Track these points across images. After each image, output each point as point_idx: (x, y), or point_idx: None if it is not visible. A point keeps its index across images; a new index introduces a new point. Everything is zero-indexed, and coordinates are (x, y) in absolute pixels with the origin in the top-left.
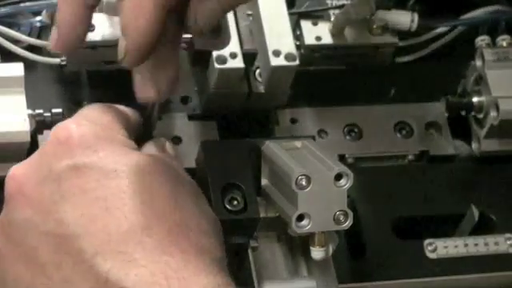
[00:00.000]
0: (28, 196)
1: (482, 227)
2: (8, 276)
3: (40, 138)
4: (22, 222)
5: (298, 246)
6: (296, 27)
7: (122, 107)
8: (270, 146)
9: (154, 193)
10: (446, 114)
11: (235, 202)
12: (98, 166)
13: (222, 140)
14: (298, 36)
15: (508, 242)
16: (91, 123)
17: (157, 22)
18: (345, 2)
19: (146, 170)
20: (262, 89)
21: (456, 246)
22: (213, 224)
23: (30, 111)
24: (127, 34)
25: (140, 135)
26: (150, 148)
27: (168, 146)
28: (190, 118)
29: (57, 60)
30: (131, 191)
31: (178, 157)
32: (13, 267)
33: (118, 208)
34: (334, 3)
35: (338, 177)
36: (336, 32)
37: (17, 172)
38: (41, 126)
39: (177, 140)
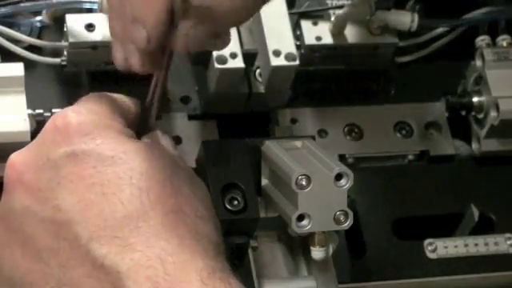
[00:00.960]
0: (27, 184)
1: (482, 227)
2: (4, 263)
3: None
4: (21, 210)
5: (298, 246)
6: (296, 27)
7: (121, 96)
8: (270, 146)
9: (150, 179)
10: (446, 114)
11: (235, 202)
12: (96, 152)
13: (222, 140)
14: (298, 36)
15: (508, 242)
16: (89, 111)
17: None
18: (345, 2)
19: (143, 156)
20: (262, 89)
21: (456, 246)
22: (209, 210)
23: (30, 111)
24: (145, 22)
25: (140, 132)
26: (146, 139)
27: (164, 138)
28: (190, 117)
29: (57, 60)
30: (127, 177)
31: (175, 147)
32: (9, 254)
33: (115, 194)
34: (334, 3)
35: (339, 177)
36: (336, 32)
37: (16, 160)
38: (41, 126)
39: (177, 140)
